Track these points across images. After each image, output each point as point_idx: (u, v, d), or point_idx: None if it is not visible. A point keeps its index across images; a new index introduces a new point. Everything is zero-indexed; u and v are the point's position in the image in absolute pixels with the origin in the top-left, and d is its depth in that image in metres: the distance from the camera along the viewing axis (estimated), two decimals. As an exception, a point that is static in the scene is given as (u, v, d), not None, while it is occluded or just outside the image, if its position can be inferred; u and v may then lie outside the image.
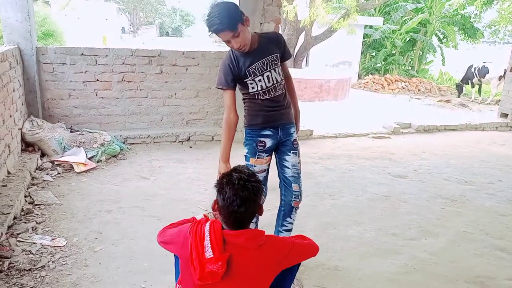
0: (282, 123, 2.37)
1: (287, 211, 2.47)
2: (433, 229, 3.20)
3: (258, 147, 2.35)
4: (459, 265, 2.72)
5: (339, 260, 2.71)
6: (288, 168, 2.40)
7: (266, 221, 3.14)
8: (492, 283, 2.54)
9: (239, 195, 1.45)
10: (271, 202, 3.52)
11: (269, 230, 2.99)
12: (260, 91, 2.30)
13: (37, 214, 3.05)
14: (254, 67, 2.25)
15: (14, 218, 2.89)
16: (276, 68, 2.30)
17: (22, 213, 3.02)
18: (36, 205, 3.19)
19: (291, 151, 2.39)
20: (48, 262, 2.46)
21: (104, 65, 4.78)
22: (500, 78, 9.83)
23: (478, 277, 2.59)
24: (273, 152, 2.45)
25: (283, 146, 2.41)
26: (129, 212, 3.23)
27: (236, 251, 1.47)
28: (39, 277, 2.33)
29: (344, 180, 4.21)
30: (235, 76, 2.26)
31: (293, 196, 2.41)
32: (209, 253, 1.45)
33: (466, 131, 6.78)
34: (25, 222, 2.88)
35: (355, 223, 3.25)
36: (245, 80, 2.28)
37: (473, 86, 10.67)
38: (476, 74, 10.31)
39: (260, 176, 2.37)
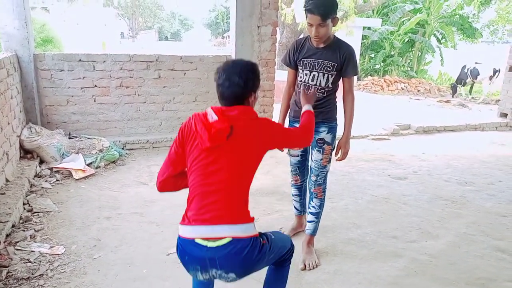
0: None
1: (310, 195, 2.77)
2: (433, 231, 3.19)
3: None
4: (459, 267, 2.71)
5: (339, 264, 2.69)
6: (312, 161, 2.68)
7: (266, 225, 3.14)
8: (493, 285, 2.53)
9: (231, 77, 1.73)
10: (271, 206, 3.52)
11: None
12: (302, 83, 2.58)
13: (35, 222, 3.04)
14: (308, 61, 2.52)
15: (13, 226, 2.88)
16: (326, 74, 2.50)
17: (21, 221, 3.01)
18: (35, 212, 3.18)
19: (315, 148, 2.63)
20: (47, 270, 2.45)
21: (102, 70, 4.78)
22: (490, 77, 10.01)
23: (479, 279, 2.57)
24: None
25: (312, 142, 2.64)
26: (128, 219, 3.22)
27: (234, 120, 1.69)
28: (38, 285, 2.32)
29: (343, 183, 4.20)
30: (294, 57, 2.59)
31: (311, 184, 2.71)
32: (214, 118, 1.67)
33: (465, 131, 6.76)
34: (24, 230, 2.87)
35: (355, 226, 3.24)
36: (298, 66, 2.59)
37: (463, 85, 10.80)
38: (468, 75, 10.43)
39: (293, 160, 2.82)
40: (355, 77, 2.63)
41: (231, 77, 1.72)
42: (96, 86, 4.80)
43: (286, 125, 2.81)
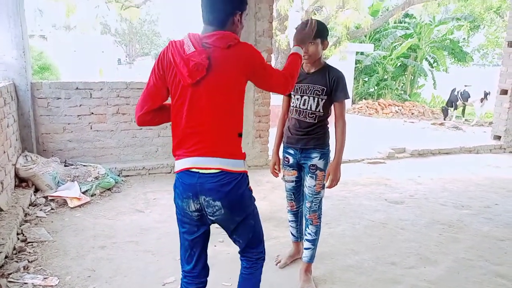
0: (302, 147, 2.62)
1: (306, 221, 2.75)
2: (431, 257, 3.16)
3: (284, 161, 2.76)
4: (459, 293, 2.68)
5: (338, 292, 2.66)
6: (305, 187, 2.68)
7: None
8: (493, 312, 2.50)
9: None
10: (267, 233, 3.49)
11: (266, 261, 2.95)
12: (294, 108, 2.61)
13: (29, 252, 2.99)
14: (299, 85, 2.57)
15: (6, 257, 2.83)
16: (316, 98, 2.53)
17: (14, 252, 2.96)
18: (29, 242, 3.14)
19: (309, 174, 2.63)
20: (39, 303, 2.40)
21: (99, 98, 4.82)
22: (482, 100, 10.25)
23: (479, 306, 2.54)
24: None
25: (305, 168, 2.67)
26: (123, 248, 3.17)
27: (211, 50, 1.64)
28: (30, 319, 2.26)
29: (340, 208, 4.18)
30: None
31: (306, 210, 2.70)
32: (191, 49, 1.63)
33: (460, 154, 6.81)
34: (17, 261, 2.82)
35: (352, 252, 3.21)
36: (291, 92, 2.57)
37: (455, 108, 11.01)
38: (459, 98, 10.67)
39: (288, 186, 2.83)
40: (349, 100, 2.62)
41: None
42: (92, 113, 4.83)
43: (280, 151, 2.83)
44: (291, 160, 2.70)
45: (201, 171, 1.67)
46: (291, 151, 2.68)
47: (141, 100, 1.76)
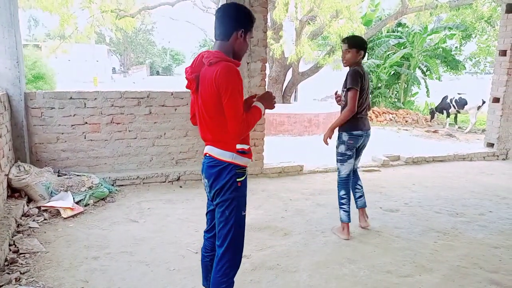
0: None
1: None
2: (427, 265, 3.16)
3: None
4: (455, 302, 2.67)
5: (333, 301, 2.64)
6: None
7: (259, 261, 3.10)
8: (489, 320, 2.49)
9: (220, 11, 2.08)
10: (263, 242, 3.48)
11: (262, 271, 2.93)
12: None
13: (21, 264, 2.95)
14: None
15: (-3, 269, 2.80)
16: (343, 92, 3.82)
17: (6, 263, 2.92)
18: (21, 254, 3.10)
19: None
20: (31, 315, 2.37)
21: (93, 108, 4.81)
22: (478, 108, 10.36)
23: (475, 314, 2.54)
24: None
25: None
26: (116, 258, 3.14)
27: (203, 66, 2.04)
28: (21, 332, 2.22)
29: (336, 216, 4.16)
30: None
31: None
32: (192, 64, 2.10)
33: (454, 161, 6.84)
34: (8, 273, 2.78)
35: (348, 261, 3.20)
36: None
37: (448, 116, 11.07)
38: (454, 105, 10.74)
39: None
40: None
41: (221, 11, 2.05)
42: (86, 123, 4.81)
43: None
44: None
45: (207, 155, 2.14)
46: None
47: (190, 106, 2.29)
